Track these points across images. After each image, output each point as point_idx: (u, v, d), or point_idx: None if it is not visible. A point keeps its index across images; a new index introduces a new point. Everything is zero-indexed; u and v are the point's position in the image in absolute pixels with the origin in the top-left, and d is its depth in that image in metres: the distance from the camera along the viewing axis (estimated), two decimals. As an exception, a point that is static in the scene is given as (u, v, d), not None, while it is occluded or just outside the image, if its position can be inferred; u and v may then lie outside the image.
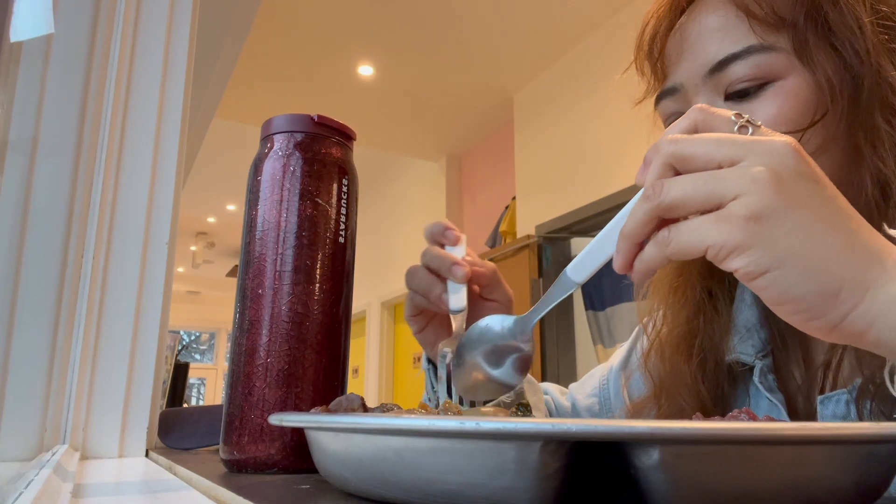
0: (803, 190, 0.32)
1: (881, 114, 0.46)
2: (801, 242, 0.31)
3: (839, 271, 0.31)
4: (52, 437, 0.59)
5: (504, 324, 0.46)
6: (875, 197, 0.46)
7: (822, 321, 0.32)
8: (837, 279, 0.31)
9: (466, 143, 4.72)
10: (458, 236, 0.57)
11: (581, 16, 3.24)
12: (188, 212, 6.76)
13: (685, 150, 0.34)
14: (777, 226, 0.31)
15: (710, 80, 0.49)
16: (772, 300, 0.32)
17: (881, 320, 0.31)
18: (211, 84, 2.77)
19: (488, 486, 0.25)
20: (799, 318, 0.32)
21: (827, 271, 0.31)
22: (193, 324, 10.73)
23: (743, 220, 0.31)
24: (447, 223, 0.57)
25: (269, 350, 0.45)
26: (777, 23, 0.47)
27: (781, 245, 0.31)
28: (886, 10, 0.48)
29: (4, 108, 0.65)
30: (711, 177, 0.32)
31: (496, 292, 0.58)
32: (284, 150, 0.48)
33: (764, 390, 0.53)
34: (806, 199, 0.32)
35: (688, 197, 0.33)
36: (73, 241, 0.63)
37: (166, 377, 1.27)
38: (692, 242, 0.33)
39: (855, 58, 0.47)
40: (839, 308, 0.31)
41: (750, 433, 0.24)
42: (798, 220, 0.31)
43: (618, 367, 0.72)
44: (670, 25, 0.54)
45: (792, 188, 0.32)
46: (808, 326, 0.33)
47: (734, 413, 0.33)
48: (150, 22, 0.72)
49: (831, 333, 0.32)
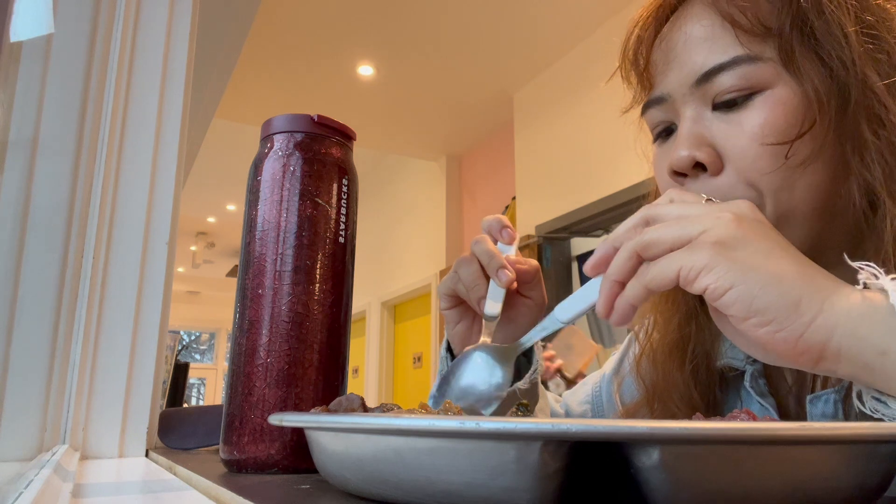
0: (760, 230, 0.38)
1: (867, 124, 0.46)
2: (761, 261, 0.36)
3: (796, 285, 0.36)
4: (52, 437, 0.59)
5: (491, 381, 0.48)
6: (863, 207, 0.46)
7: (787, 332, 0.35)
8: (796, 291, 0.35)
9: (466, 143, 4.72)
10: (513, 236, 0.57)
11: (581, 16, 3.24)
12: (188, 212, 6.76)
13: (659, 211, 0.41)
14: (739, 249, 0.36)
15: (697, 91, 0.49)
16: (739, 315, 0.36)
17: (840, 329, 0.35)
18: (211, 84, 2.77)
19: (488, 486, 0.25)
20: (765, 331, 0.35)
21: (785, 286, 0.35)
22: (193, 324, 10.73)
23: (710, 245, 0.36)
24: (505, 220, 0.57)
25: (269, 350, 0.45)
26: (763, 32, 0.47)
27: (744, 264, 0.36)
28: (871, 20, 0.47)
29: (4, 108, 0.65)
30: (683, 220, 0.38)
31: (534, 291, 0.58)
32: (284, 150, 0.48)
33: (755, 395, 0.53)
34: (762, 235, 0.38)
35: (662, 236, 0.38)
36: (73, 241, 0.63)
37: (166, 377, 1.27)
38: (666, 268, 0.37)
39: (841, 67, 0.46)
40: (801, 318, 0.35)
41: (750, 433, 0.24)
42: (757, 247, 0.37)
43: (610, 373, 0.72)
44: (654, 34, 0.54)
45: (751, 226, 0.38)
46: (775, 339, 0.36)
47: (734, 413, 0.33)
48: (150, 22, 0.72)
49: (797, 345, 0.35)
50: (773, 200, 0.47)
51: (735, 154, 0.47)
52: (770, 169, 0.46)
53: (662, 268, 0.37)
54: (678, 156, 0.48)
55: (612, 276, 0.40)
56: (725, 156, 0.48)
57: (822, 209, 0.48)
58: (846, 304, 0.35)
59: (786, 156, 0.46)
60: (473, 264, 0.55)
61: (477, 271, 0.55)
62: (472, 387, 0.48)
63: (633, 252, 0.39)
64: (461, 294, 0.56)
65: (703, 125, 0.49)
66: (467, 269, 0.55)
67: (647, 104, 0.54)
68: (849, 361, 0.35)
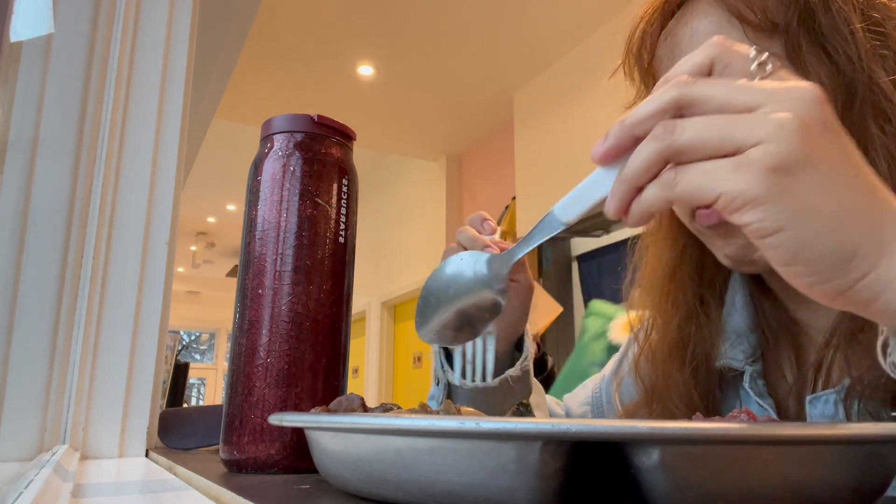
0: (828, 142, 0.30)
1: (874, 119, 0.46)
2: (822, 200, 0.29)
3: (856, 235, 0.29)
4: (52, 437, 0.59)
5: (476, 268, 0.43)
6: None
7: (830, 286, 0.30)
8: (853, 244, 0.29)
9: (466, 142, 4.72)
10: (493, 227, 0.59)
11: (581, 16, 3.24)
12: (188, 212, 6.76)
13: (697, 93, 0.31)
14: (800, 180, 0.29)
15: None
16: (781, 260, 0.30)
17: (891, 289, 0.30)
18: (211, 84, 2.77)
19: (488, 486, 0.25)
20: (805, 280, 0.30)
21: (844, 234, 0.29)
22: (193, 324, 10.73)
23: (765, 169, 0.28)
24: (485, 215, 0.60)
25: (269, 350, 0.45)
26: (770, 28, 0.47)
27: (802, 201, 0.29)
28: (877, 16, 0.47)
29: (4, 108, 0.65)
30: (732, 119, 0.30)
31: (520, 273, 0.60)
32: (284, 150, 0.48)
33: (754, 395, 0.53)
34: (830, 153, 0.30)
35: (704, 138, 0.30)
36: (73, 241, 0.63)
37: (166, 377, 1.27)
38: (703, 187, 0.30)
39: (848, 64, 0.46)
40: (850, 274, 0.30)
41: (750, 433, 0.24)
42: (821, 176, 0.29)
43: (609, 375, 0.72)
44: (659, 30, 0.54)
45: (817, 139, 0.29)
46: (814, 290, 0.31)
47: (734, 413, 0.33)
48: (150, 22, 0.72)
49: (836, 299, 0.31)
50: None
51: None
52: None
53: (699, 185, 0.30)
54: None
55: (630, 179, 0.32)
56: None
57: None
58: None
59: None
60: (456, 248, 0.57)
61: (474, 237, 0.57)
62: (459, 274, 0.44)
63: (662, 156, 0.31)
64: None
65: None
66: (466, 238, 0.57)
67: None
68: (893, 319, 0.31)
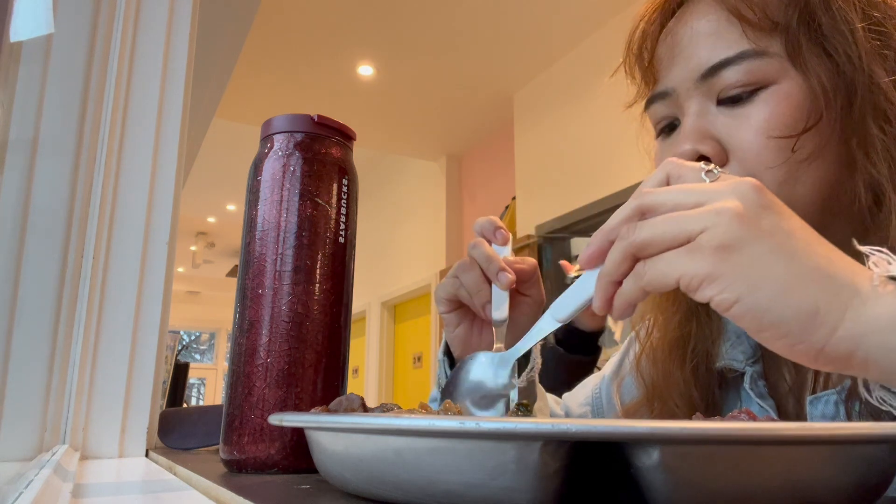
0: (767, 221, 0.33)
1: (873, 120, 0.46)
2: (769, 268, 0.32)
3: (812, 293, 0.32)
4: (52, 437, 0.59)
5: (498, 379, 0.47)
6: (868, 203, 0.46)
7: (805, 346, 0.32)
8: (811, 302, 0.31)
9: (466, 143, 4.72)
10: (507, 237, 0.57)
11: (581, 16, 3.24)
12: (188, 212, 6.75)
13: (654, 199, 0.35)
14: (746, 254, 0.32)
15: (703, 85, 0.49)
16: (752, 328, 0.33)
17: (868, 340, 0.31)
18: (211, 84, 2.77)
19: (488, 486, 0.25)
20: (783, 343, 0.32)
21: (798, 295, 0.31)
22: (193, 324, 10.73)
23: (711, 250, 0.32)
24: (497, 221, 0.57)
25: (269, 350, 0.45)
26: (770, 27, 0.47)
27: (750, 272, 0.32)
28: (878, 16, 0.47)
29: (4, 108, 0.65)
30: (682, 215, 0.34)
31: (533, 289, 0.58)
32: (284, 150, 0.48)
33: (754, 396, 0.53)
34: (773, 228, 0.33)
35: (658, 235, 0.34)
36: (73, 241, 0.63)
37: (166, 377, 1.27)
38: (665, 273, 0.34)
39: (848, 63, 0.46)
40: (820, 330, 0.31)
41: (750, 433, 0.24)
42: (765, 248, 0.32)
43: (609, 375, 0.72)
44: (660, 29, 0.54)
45: (756, 220, 0.33)
46: (794, 352, 0.33)
47: (734, 413, 0.33)
48: (150, 22, 0.72)
49: (818, 359, 0.32)
50: (777, 196, 0.47)
51: (740, 147, 0.47)
52: (775, 163, 0.46)
53: (661, 272, 0.34)
54: (682, 150, 0.48)
55: (607, 276, 0.37)
56: (730, 149, 0.48)
57: (826, 205, 0.48)
58: (873, 309, 0.31)
59: (792, 149, 0.46)
60: (475, 269, 0.54)
61: (479, 276, 0.54)
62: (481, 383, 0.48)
63: (628, 253, 0.36)
64: (463, 299, 0.56)
65: (707, 120, 0.49)
66: (469, 275, 0.55)
67: (651, 99, 0.54)
68: (879, 370, 0.32)
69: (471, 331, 0.59)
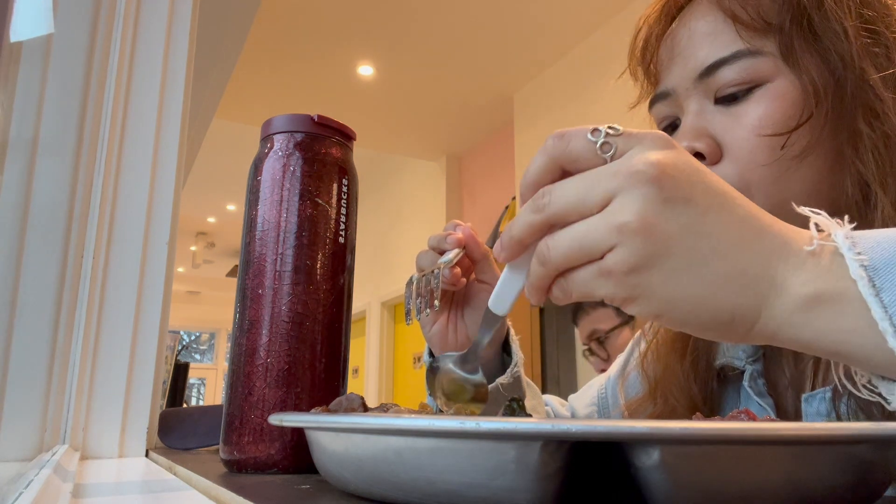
0: (674, 221, 0.31)
1: (863, 117, 0.47)
2: (681, 285, 0.31)
3: (725, 300, 0.31)
4: (52, 437, 0.59)
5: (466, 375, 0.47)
6: (856, 199, 0.47)
7: (728, 339, 0.33)
8: (727, 308, 0.31)
9: (466, 143, 4.72)
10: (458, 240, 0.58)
11: (581, 16, 3.24)
12: (188, 212, 6.76)
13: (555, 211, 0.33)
14: (654, 273, 0.31)
15: (700, 85, 0.50)
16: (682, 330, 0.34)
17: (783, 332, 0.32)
18: (211, 84, 2.77)
19: (488, 486, 0.25)
20: (708, 335, 0.34)
21: (713, 304, 0.31)
22: (193, 324, 10.73)
23: (622, 275, 0.31)
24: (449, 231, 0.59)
25: (269, 350, 0.45)
26: (764, 27, 0.48)
27: (664, 290, 0.31)
28: (870, 14, 0.48)
29: (4, 108, 0.65)
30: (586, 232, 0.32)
31: (487, 274, 0.60)
32: (284, 150, 0.48)
33: (753, 395, 0.53)
34: (679, 232, 0.31)
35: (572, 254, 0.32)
36: (73, 241, 0.63)
37: (166, 377, 1.27)
38: (586, 293, 0.33)
39: (839, 62, 0.47)
40: (739, 329, 0.32)
41: (750, 433, 0.24)
42: (674, 262, 0.31)
43: (615, 375, 0.73)
44: (662, 31, 0.55)
45: (662, 225, 0.31)
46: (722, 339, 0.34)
47: (734, 413, 0.33)
48: (150, 22, 0.72)
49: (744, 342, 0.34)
50: (768, 193, 0.47)
51: (733, 145, 0.48)
52: (766, 161, 0.47)
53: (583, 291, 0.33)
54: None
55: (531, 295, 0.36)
56: (724, 147, 0.49)
57: (815, 202, 0.48)
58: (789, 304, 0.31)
59: (782, 146, 0.46)
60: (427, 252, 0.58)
61: (433, 253, 0.57)
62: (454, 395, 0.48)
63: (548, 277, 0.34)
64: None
65: (704, 118, 0.50)
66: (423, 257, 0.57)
67: (654, 99, 0.55)
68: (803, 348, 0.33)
69: (446, 328, 0.61)
